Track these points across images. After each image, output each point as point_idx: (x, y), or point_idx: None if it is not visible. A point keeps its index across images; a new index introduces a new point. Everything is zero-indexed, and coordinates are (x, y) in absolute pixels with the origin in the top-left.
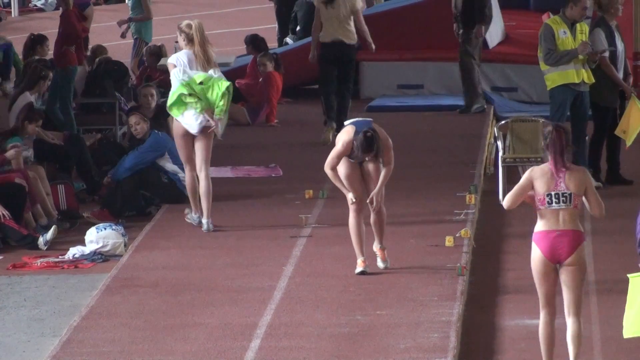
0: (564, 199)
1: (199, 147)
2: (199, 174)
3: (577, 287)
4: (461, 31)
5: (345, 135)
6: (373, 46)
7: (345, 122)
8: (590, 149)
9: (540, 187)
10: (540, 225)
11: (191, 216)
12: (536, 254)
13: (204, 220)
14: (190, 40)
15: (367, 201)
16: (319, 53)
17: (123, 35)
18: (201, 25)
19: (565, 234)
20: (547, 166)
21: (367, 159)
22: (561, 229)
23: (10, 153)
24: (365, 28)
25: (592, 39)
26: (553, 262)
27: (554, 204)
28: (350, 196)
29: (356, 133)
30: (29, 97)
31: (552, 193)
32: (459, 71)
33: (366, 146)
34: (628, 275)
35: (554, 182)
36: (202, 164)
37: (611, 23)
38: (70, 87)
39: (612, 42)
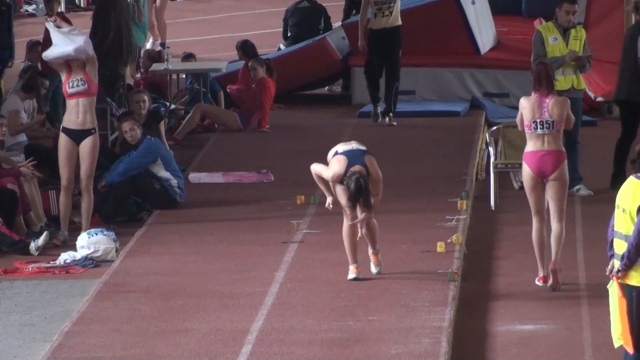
0: (547, 125)
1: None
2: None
3: (560, 199)
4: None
5: (337, 164)
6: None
7: (339, 149)
8: (617, 150)
9: (527, 115)
10: (529, 147)
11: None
12: (526, 171)
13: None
14: None
15: (350, 224)
16: None
17: None
18: None
19: (549, 153)
20: (533, 96)
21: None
22: (546, 149)
23: (26, 170)
24: None
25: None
26: (540, 177)
27: (538, 129)
28: (329, 200)
29: (348, 167)
30: (18, 102)
31: (537, 120)
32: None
33: (354, 196)
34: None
35: (539, 110)
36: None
37: None
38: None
39: None
